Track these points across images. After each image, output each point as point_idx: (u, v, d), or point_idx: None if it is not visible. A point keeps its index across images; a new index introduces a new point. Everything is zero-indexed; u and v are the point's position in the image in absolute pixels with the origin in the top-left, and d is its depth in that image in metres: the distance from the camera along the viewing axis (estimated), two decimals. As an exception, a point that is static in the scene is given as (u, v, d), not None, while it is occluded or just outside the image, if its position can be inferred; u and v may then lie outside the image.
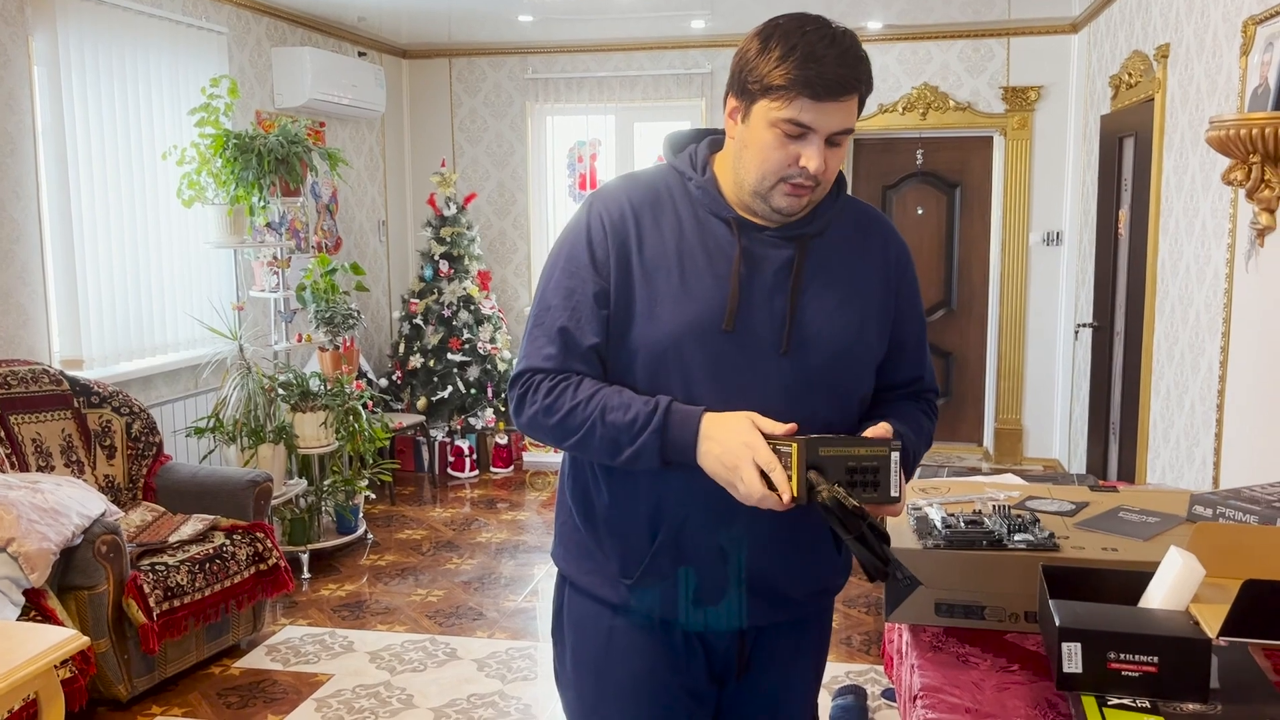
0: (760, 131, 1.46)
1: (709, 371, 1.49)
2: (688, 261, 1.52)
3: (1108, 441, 5.23)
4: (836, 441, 1.40)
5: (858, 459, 1.39)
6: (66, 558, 3.31)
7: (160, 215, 4.78)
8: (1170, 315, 4.09)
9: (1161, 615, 1.43)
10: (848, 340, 1.55)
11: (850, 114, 1.46)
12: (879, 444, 1.41)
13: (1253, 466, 3.13)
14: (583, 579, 1.65)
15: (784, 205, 1.50)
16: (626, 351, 1.53)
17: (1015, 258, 6.58)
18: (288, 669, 3.82)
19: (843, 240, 1.60)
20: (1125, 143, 4.99)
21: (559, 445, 1.58)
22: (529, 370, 1.57)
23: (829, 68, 1.40)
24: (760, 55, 1.44)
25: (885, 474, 1.39)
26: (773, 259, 1.53)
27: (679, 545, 1.56)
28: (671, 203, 1.56)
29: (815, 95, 1.41)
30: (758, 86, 1.44)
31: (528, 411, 1.57)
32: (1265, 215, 2.99)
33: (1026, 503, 2.03)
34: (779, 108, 1.43)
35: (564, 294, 1.55)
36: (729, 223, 1.54)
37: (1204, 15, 3.73)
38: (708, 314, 1.50)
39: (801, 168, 1.45)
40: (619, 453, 1.49)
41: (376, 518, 5.66)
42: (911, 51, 6.56)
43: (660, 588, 1.58)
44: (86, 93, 4.36)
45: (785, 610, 1.64)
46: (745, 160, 1.50)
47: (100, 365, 4.43)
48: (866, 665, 3.80)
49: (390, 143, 7.09)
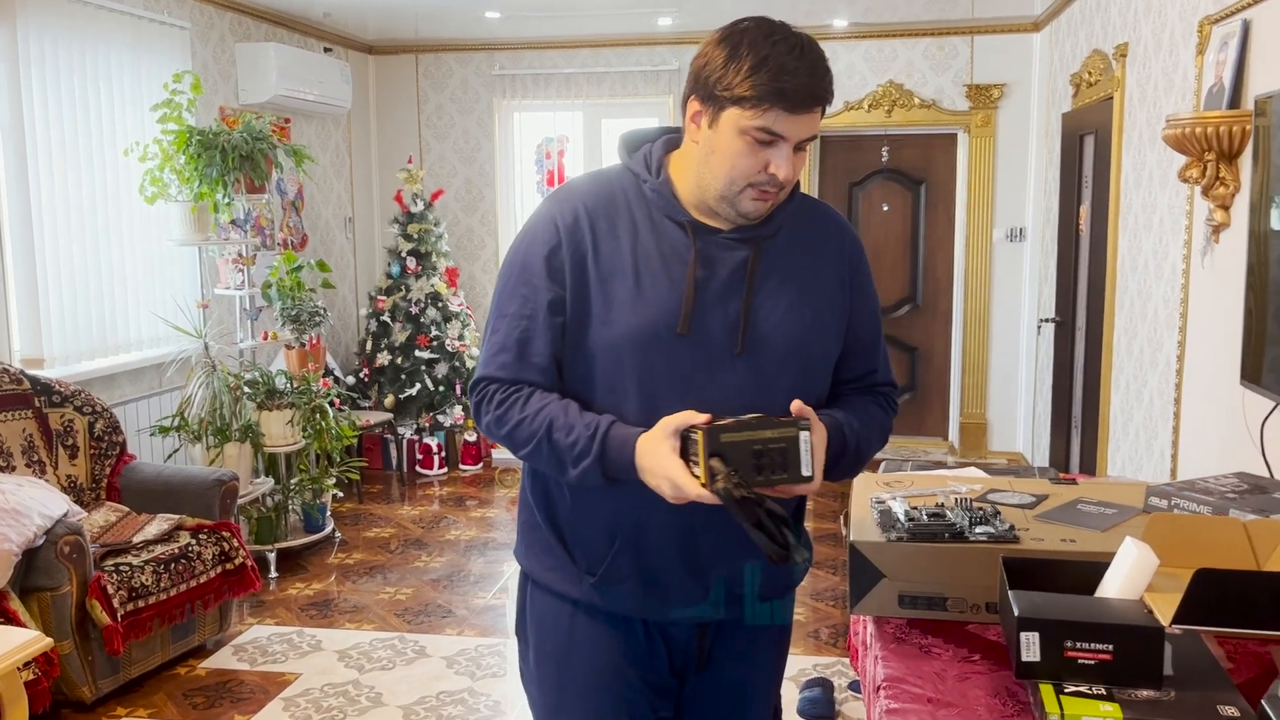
0: (730, 139, 1.48)
1: (664, 375, 1.51)
2: (643, 265, 1.53)
3: (1070, 435, 5.31)
4: (742, 426, 1.40)
5: (764, 442, 1.39)
6: (28, 559, 3.27)
7: (123, 212, 4.73)
8: (1129, 310, 4.15)
9: (1116, 604, 1.46)
10: (803, 339, 1.57)
11: (817, 122, 1.50)
12: (786, 425, 1.41)
13: (1209, 458, 3.20)
14: (544, 575, 1.68)
15: (750, 210, 1.52)
16: (584, 356, 1.55)
17: (979, 254, 6.65)
18: (255, 669, 3.80)
19: (797, 239, 1.61)
20: (1086, 140, 5.07)
21: (514, 454, 1.60)
22: (484, 379, 1.59)
23: (802, 80, 1.43)
24: (729, 64, 1.45)
25: (795, 454, 1.40)
26: (727, 261, 1.55)
27: (639, 545, 1.59)
28: (627, 205, 1.57)
29: (789, 108, 1.44)
30: (728, 95, 1.46)
31: (484, 420, 1.60)
32: (1220, 212, 3.04)
33: (988, 495, 2.06)
34: (751, 117, 1.45)
35: (519, 301, 1.57)
36: (684, 226, 1.55)
37: (1161, 15, 3.79)
38: (662, 318, 1.51)
39: (770, 175, 1.48)
40: (565, 474, 1.53)
41: (344, 516, 5.64)
42: (877, 49, 6.61)
43: (622, 586, 1.61)
44: (46, 88, 4.30)
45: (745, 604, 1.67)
46: (713, 166, 1.51)
47: (62, 364, 4.38)
48: (833, 658, 3.84)
49: (357, 139, 7.05)
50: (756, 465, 1.38)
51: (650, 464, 1.45)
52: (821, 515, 5.58)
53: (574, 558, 1.64)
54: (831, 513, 5.56)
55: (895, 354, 6.99)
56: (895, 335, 6.99)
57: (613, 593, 1.62)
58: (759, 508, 1.35)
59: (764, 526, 1.35)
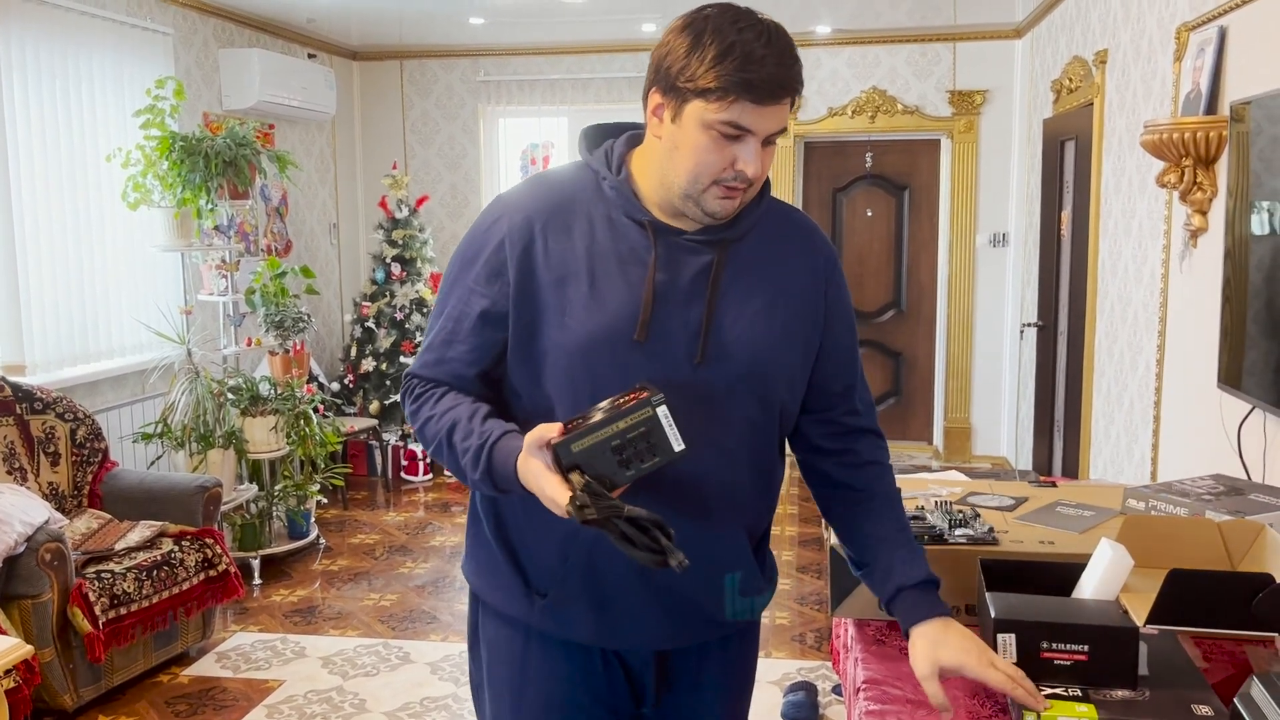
0: (694, 133, 1.37)
1: (619, 385, 1.37)
2: (599, 267, 1.43)
3: (1053, 438, 5.34)
4: (590, 429, 1.29)
5: (620, 435, 1.28)
6: (9, 566, 3.25)
7: (105, 218, 4.71)
8: (1110, 314, 4.18)
9: (1092, 605, 1.47)
10: (768, 350, 1.47)
11: (783, 115, 1.39)
12: (639, 408, 1.28)
13: (1189, 461, 3.22)
14: (493, 596, 1.58)
15: (716, 208, 1.41)
16: (533, 362, 1.46)
17: (962, 259, 6.69)
18: (238, 676, 3.78)
19: (766, 245, 1.50)
20: (1067, 146, 5.10)
21: (427, 452, 1.55)
22: (411, 374, 1.56)
23: (770, 70, 1.33)
24: (692, 53, 1.35)
25: (658, 433, 1.28)
26: (690, 264, 1.44)
27: (593, 563, 1.48)
28: (584, 204, 1.47)
29: (757, 99, 1.34)
30: (691, 87, 1.35)
31: (406, 411, 1.56)
32: (1198, 217, 3.07)
33: (968, 498, 2.08)
34: (716, 110, 1.34)
35: (452, 304, 1.51)
36: (644, 226, 1.45)
37: (1140, 22, 3.82)
38: (618, 323, 1.41)
39: (738, 170, 1.38)
40: (467, 482, 1.47)
41: (329, 522, 5.62)
42: (860, 55, 6.64)
43: (574, 607, 1.50)
44: (28, 94, 4.29)
45: (707, 629, 1.57)
46: (676, 162, 1.40)
47: (44, 371, 4.36)
48: (817, 661, 3.85)
49: (341, 145, 7.04)
50: (621, 460, 1.29)
51: (528, 483, 1.34)
52: (806, 520, 5.59)
53: (525, 577, 1.53)
54: (815, 517, 5.57)
55: (879, 359, 7.02)
56: (879, 340, 7.02)
57: (565, 615, 1.51)
58: (617, 520, 1.25)
59: (630, 538, 1.25)
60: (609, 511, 1.25)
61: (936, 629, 1.43)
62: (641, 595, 1.49)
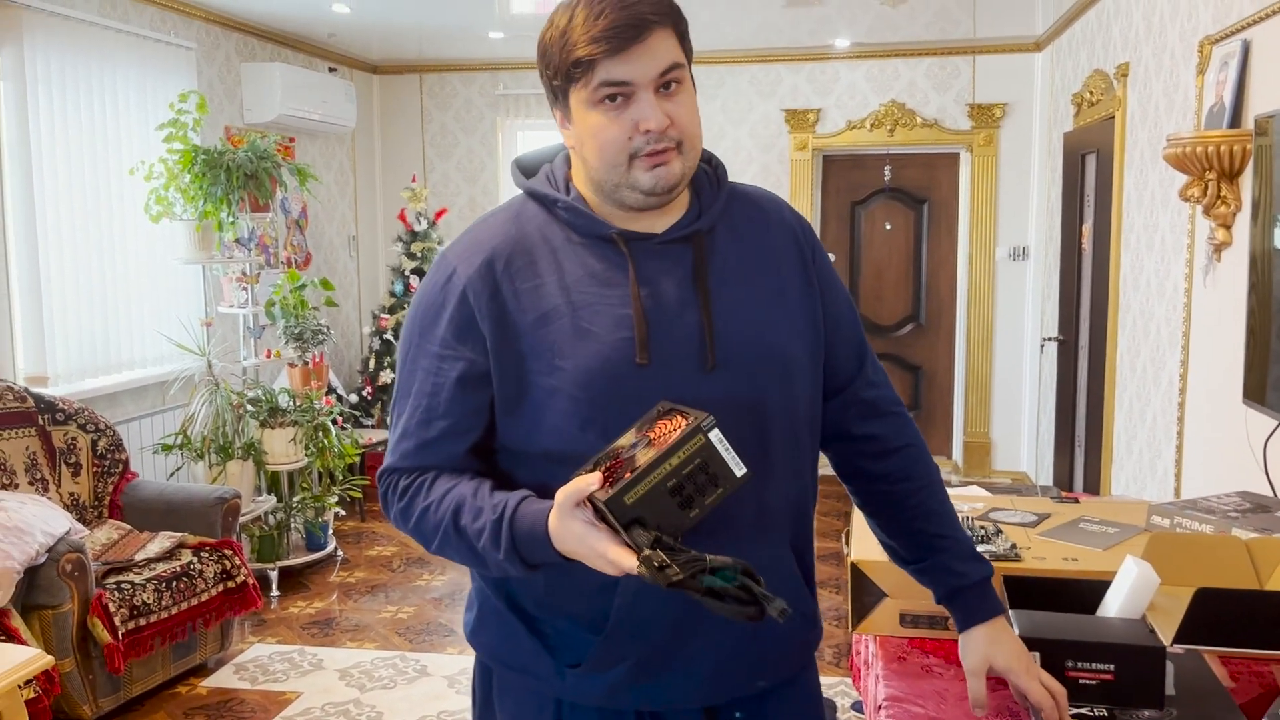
0: (587, 120, 1.29)
1: (630, 413, 1.26)
2: (578, 297, 1.31)
3: (1074, 454, 5.30)
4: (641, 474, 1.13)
5: (675, 473, 1.13)
6: (30, 576, 3.27)
7: (128, 231, 4.75)
8: (1132, 329, 4.15)
9: (1117, 624, 1.45)
10: (779, 336, 1.37)
11: (664, 51, 1.27)
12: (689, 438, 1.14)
13: (1212, 477, 3.19)
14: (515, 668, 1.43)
15: (651, 181, 1.29)
16: (529, 413, 1.32)
17: (982, 272, 6.66)
18: (256, 688, 3.79)
19: (740, 229, 1.41)
20: (1087, 159, 5.08)
21: (430, 551, 1.38)
22: (387, 470, 1.40)
23: (612, 14, 1.24)
24: (549, 51, 1.30)
25: (716, 461, 1.14)
26: (670, 269, 1.34)
27: (636, 624, 1.33)
28: (541, 236, 1.35)
29: (613, 48, 1.24)
30: (561, 81, 1.29)
31: (391, 514, 1.40)
32: (1222, 231, 3.05)
33: (990, 514, 2.06)
34: (586, 84, 1.27)
35: (419, 377, 1.36)
36: (611, 240, 1.34)
37: (1162, 35, 3.80)
38: (615, 350, 1.29)
39: (644, 132, 1.27)
40: (485, 567, 1.31)
41: (346, 534, 5.63)
42: (879, 69, 6.64)
43: (615, 672, 1.35)
44: (53, 108, 4.33)
45: (762, 676, 1.41)
46: (589, 155, 1.32)
47: (66, 382, 4.39)
48: (837, 678, 3.82)
49: (361, 158, 7.08)
50: (681, 501, 1.14)
51: (571, 548, 1.19)
52: (824, 534, 5.56)
53: (552, 650, 1.37)
54: (834, 531, 5.54)
55: (898, 373, 6.99)
56: (898, 354, 6.99)
57: (605, 682, 1.35)
58: (701, 574, 1.09)
59: (718, 591, 1.09)
60: (693, 567, 1.09)
61: (994, 630, 1.40)
62: (688, 648, 1.35)
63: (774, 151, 6.81)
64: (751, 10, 5.66)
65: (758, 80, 6.77)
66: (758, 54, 6.66)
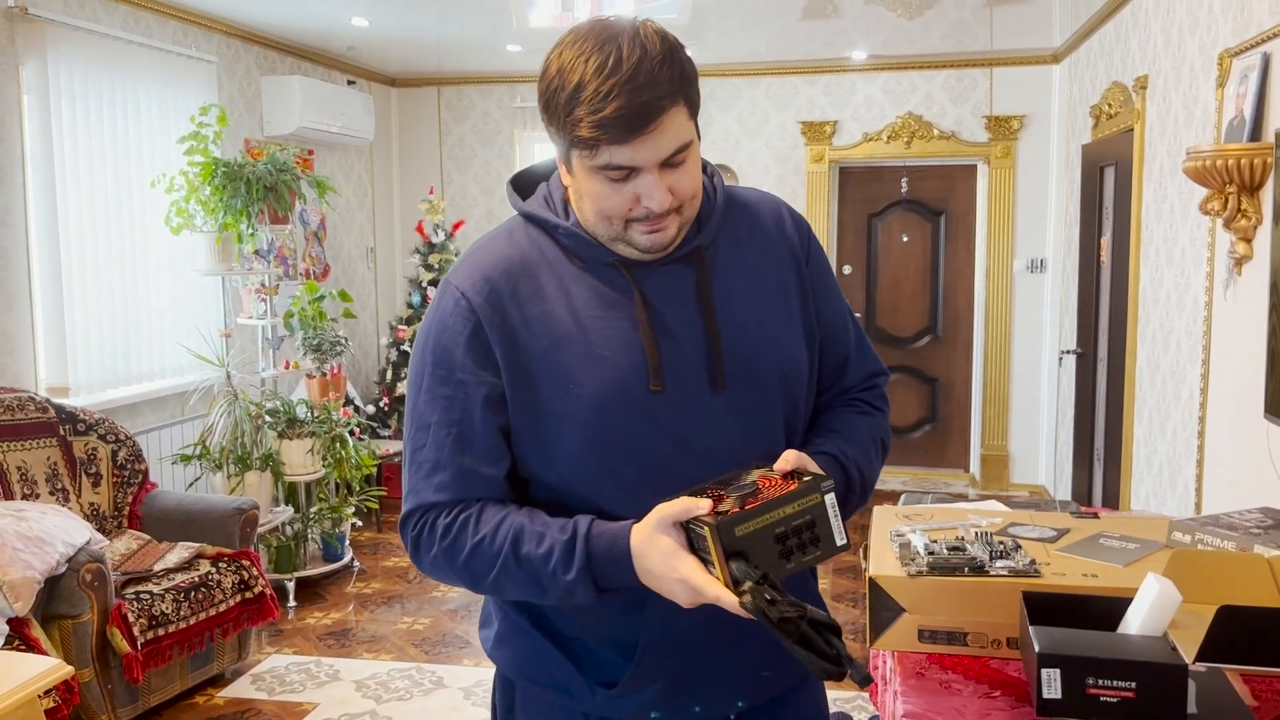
0: (587, 181, 1.26)
1: (646, 437, 1.27)
2: (588, 322, 1.30)
3: (1092, 468, 5.26)
4: (756, 512, 1.15)
5: (785, 521, 1.16)
6: (51, 586, 3.29)
7: (148, 243, 4.79)
8: (1152, 342, 4.13)
9: (1139, 641, 1.44)
10: (783, 347, 1.38)
11: (674, 133, 1.23)
12: (807, 492, 1.17)
13: (1234, 492, 3.16)
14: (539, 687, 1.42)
15: (649, 243, 1.29)
16: (542, 447, 1.31)
17: (1000, 285, 6.63)
18: (272, 698, 3.80)
19: (740, 237, 1.40)
20: (1106, 172, 5.06)
21: (477, 591, 1.34)
22: (419, 508, 1.32)
23: (620, 104, 1.18)
24: (553, 101, 1.24)
25: (824, 523, 1.17)
26: (674, 289, 1.33)
27: (663, 644, 1.33)
28: (543, 260, 1.33)
29: (618, 139, 1.20)
30: (563, 140, 1.26)
31: (427, 558, 1.32)
32: (1242, 244, 3.03)
33: (1009, 529, 2.05)
34: (590, 157, 1.23)
35: (443, 406, 1.31)
36: (615, 266, 1.32)
37: (1181, 48, 3.79)
38: (629, 376, 1.28)
39: (645, 208, 1.25)
40: (545, 595, 1.27)
41: (363, 545, 5.65)
42: (896, 81, 6.64)
43: (647, 692, 1.36)
44: (76, 121, 4.37)
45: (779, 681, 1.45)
46: (587, 210, 1.30)
47: (86, 393, 4.43)
48: (853, 692, 3.80)
49: (379, 170, 7.12)
50: (783, 550, 1.16)
51: (653, 565, 1.19)
52: (841, 547, 5.54)
53: (582, 672, 1.37)
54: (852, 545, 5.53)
55: (914, 384, 6.97)
56: (915, 366, 6.97)
57: (637, 700, 1.36)
58: (802, 620, 1.10)
59: (808, 640, 1.10)
60: (797, 610, 1.10)
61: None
62: (719, 664, 1.36)
63: (790, 163, 6.81)
64: (768, 22, 5.67)
65: (774, 92, 6.78)
66: (774, 66, 6.67)
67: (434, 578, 1.38)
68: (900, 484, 6.81)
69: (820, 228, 6.78)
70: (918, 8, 5.08)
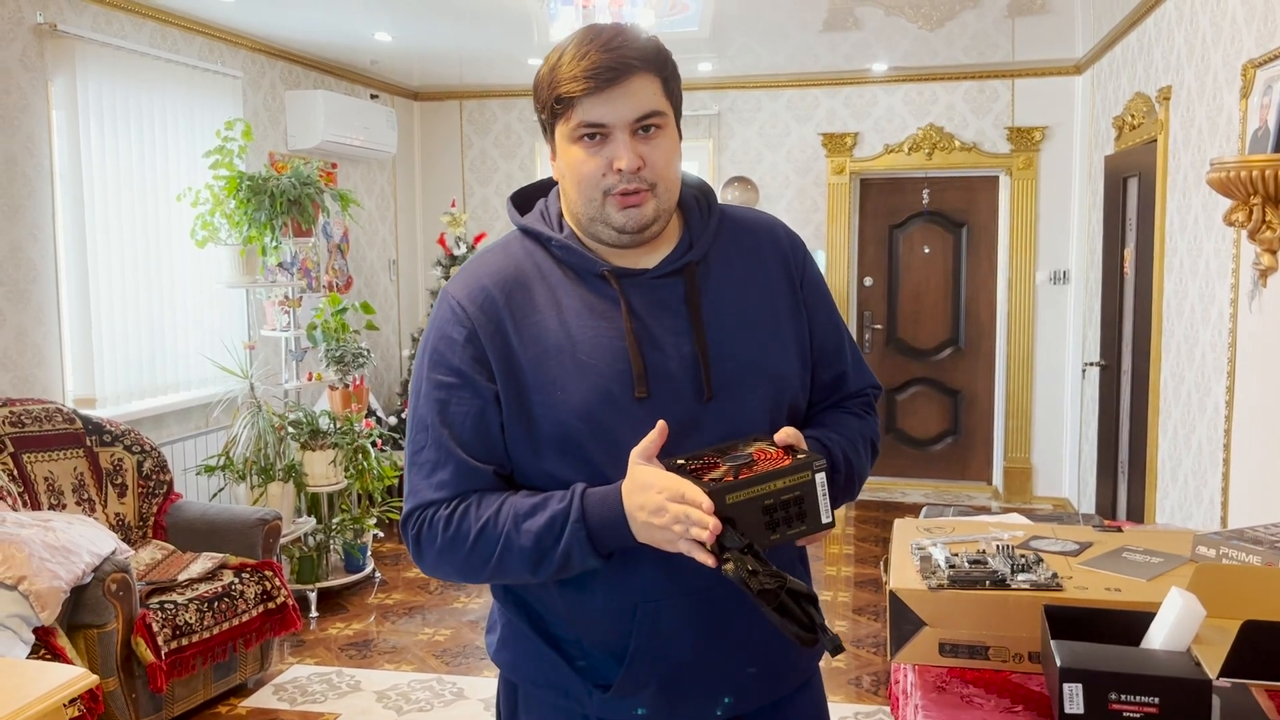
0: (568, 153, 1.35)
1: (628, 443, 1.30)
2: (576, 331, 1.36)
3: (1117, 480, 5.22)
4: (748, 482, 1.21)
5: (775, 494, 1.21)
6: (76, 596, 3.32)
7: (174, 256, 4.84)
8: (1176, 354, 4.10)
9: (1163, 656, 1.43)
10: (771, 365, 1.42)
11: (644, 96, 1.33)
12: (798, 469, 1.22)
13: (1261, 506, 3.13)
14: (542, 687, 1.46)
15: (624, 220, 1.35)
16: (530, 451, 1.36)
17: (1022, 296, 6.60)
18: (295, 708, 3.81)
19: (731, 257, 1.45)
20: (1129, 183, 5.03)
21: (478, 579, 1.39)
22: (419, 506, 1.38)
23: (592, 57, 1.30)
24: (541, 83, 1.36)
25: (811, 500, 1.22)
26: (664, 301, 1.39)
27: (654, 647, 1.38)
28: (537, 272, 1.40)
29: (592, 89, 1.30)
30: (547, 113, 1.36)
31: (430, 553, 1.37)
32: (1267, 256, 3.01)
33: (1031, 542, 2.04)
34: (568, 121, 1.33)
35: (438, 408, 1.37)
36: (604, 277, 1.38)
37: (1204, 58, 3.77)
38: (615, 384, 1.34)
39: (617, 170, 1.32)
40: (545, 561, 1.31)
41: (385, 556, 5.67)
42: (917, 92, 6.63)
43: (643, 694, 1.40)
44: (104, 136, 4.43)
45: (761, 693, 1.47)
46: (569, 188, 1.38)
47: (113, 404, 4.47)
48: (875, 706, 3.78)
49: (401, 183, 7.17)
50: (769, 521, 1.21)
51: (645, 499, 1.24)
52: (862, 560, 5.52)
53: (578, 674, 1.41)
54: (871, 557, 5.50)
55: (936, 396, 6.94)
56: (937, 378, 6.94)
57: (634, 702, 1.40)
58: (781, 590, 1.15)
59: (786, 609, 1.15)
60: (778, 581, 1.15)
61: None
62: (710, 665, 1.40)
63: (811, 175, 6.81)
64: (788, 35, 5.68)
65: (794, 104, 6.78)
66: (795, 78, 6.68)
67: (437, 574, 1.41)
68: (922, 496, 6.77)
69: (841, 239, 6.77)
70: (939, 19, 5.08)
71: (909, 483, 7.01)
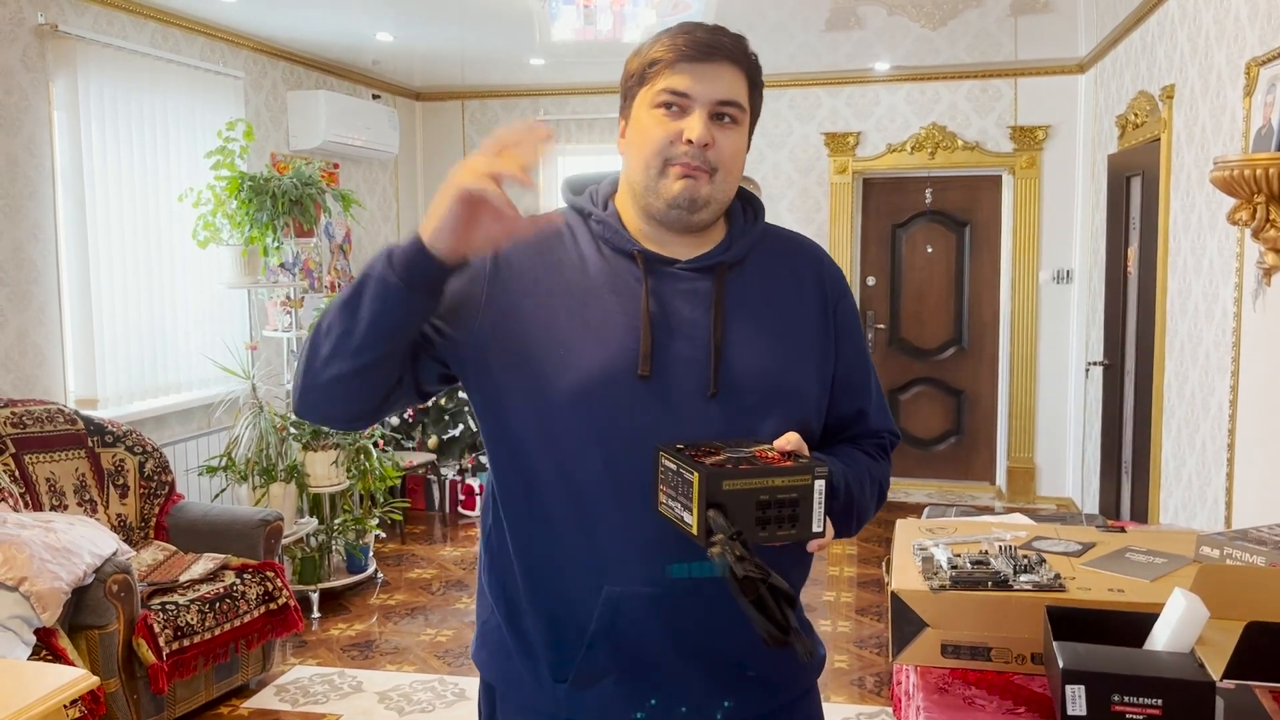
0: (643, 119, 1.37)
1: (628, 422, 1.31)
2: (593, 301, 1.36)
3: (1120, 480, 5.21)
4: (747, 474, 1.18)
5: (771, 491, 1.18)
6: (78, 597, 3.32)
7: (175, 256, 4.84)
8: (1180, 354, 4.09)
9: (1166, 657, 1.42)
10: (784, 378, 1.39)
11: (732, 86, 1.37)
12: (800, 471, 1.20)
13: (1265, 507, 3.12)
14: (510, 687, 1.45)
15: (678, 192, 1.35)
16: (534, 405, 1.35)
17: (1025, 296, 6.59)
18: (296, 709, 3.81)
19: (766, 269, 1.45)
20: (1133, 182, 5.02)
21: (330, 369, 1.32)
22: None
23: (699, 35, 1.36)
24: (635, 56, 1.41)
25: (806, 505, 1.20)
26: (688, 294, 1.38)
27: (618, 629, 1.34)
28: (572, 239, 1.42)
29: (689, 57, 1.34)
30: (635, 79, 1.39)
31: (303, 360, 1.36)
32: (1271, 255, 3.00)
33: (1033, 543, 2.03)
34: (654, 84, 1.36)
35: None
36: (634, 256, 1.39)
37: (1208, 57, 3.76)
38: (621, 359, 1.33)
39: (687, 141, 1.34)
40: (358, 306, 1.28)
41: (387, 557, 5.66)
42: (919, 91, 6.62)
43: (602, 685, 1.37)
44: (105, 136, 4.43)
45: (761, 700, 1.42)
46: (633, 159, 1.39)
47: (114, 404, 4.47)
48: (877, 707, 3.77)
49: (403, 183, 7.17)
50: (761, 518, 1.18)
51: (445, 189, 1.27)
52: (865, 560, 5.51)
53: (539, 663, 1.40)
54: (874, 557, 5.49)
55: (940, 396, 6.93)
56: (940, 378, 6.93)
57: (592, 697, 1.38)
58: (763, 583, 1.12)
59: (764, 604, 1.12)
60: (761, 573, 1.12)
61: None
62: (679, 664, 1.37)
63: (814, 175, 6.80)
64: (791, 34, 5.68)
65: (797, 104, 6.78)
66: (797, 77, 6.67)
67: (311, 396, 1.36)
68: (925, 496, 6.76)
69: (844, 239, 6.76)
70: (941, 18, 5.07)
71: (912, 483, 6.99)
